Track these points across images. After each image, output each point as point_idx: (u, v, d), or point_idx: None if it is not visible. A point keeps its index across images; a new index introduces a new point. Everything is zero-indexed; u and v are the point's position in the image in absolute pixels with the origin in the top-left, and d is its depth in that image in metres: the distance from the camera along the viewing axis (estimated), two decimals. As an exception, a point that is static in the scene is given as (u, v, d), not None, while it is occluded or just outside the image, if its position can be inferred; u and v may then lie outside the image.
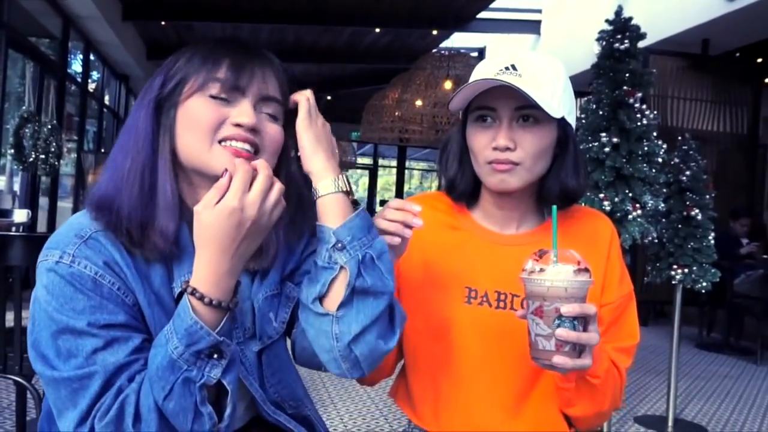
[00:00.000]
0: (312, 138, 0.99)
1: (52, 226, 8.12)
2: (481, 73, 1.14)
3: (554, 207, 1.01)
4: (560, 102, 1.11)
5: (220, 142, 0.93)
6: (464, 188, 1.22)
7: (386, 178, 20.60)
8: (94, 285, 0.87)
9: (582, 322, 0.92)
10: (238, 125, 0.92)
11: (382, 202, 17.73)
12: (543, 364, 0.95)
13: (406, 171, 16.85)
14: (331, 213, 0.96)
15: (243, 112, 0.93)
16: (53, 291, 0.86)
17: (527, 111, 1.11)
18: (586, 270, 0.93)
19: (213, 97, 0.93)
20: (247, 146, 0.93)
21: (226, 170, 0.84)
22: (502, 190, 1.15)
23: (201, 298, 0.83)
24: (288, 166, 1.03)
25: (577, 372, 1.02)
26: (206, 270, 0.84)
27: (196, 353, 0.83)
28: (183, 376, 0.82)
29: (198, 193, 0.96)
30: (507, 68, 1.10)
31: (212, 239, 0.83)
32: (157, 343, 0.86)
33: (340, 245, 0.94)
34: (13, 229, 5.24)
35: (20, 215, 5.86)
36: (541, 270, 0.93)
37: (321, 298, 0.95)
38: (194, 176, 0.96)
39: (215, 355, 0.84)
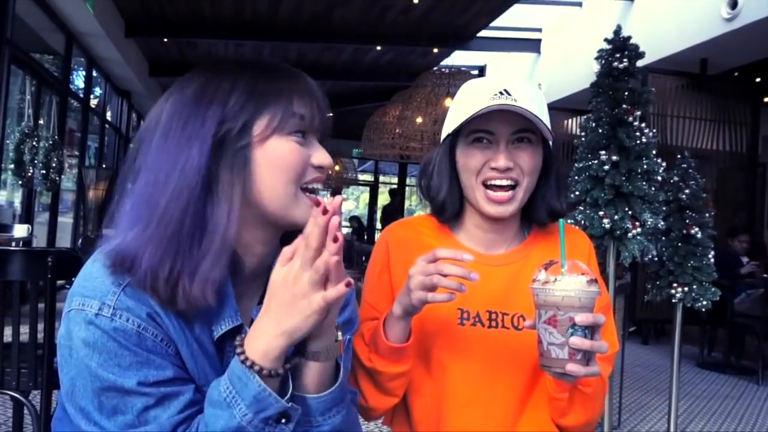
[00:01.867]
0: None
1: (51, 242, 8.11)
2: (474, 97, 1.16)
3: (561, 221, 1.04)
4: (547, 124, 1.17)
5: (302, 188, 0.88)
6: (453, 210, 1.24)
7: (387, 194, 20.60)
8: (139, 339, 0.80)
9: (591, 331, 0.95)
10: (320, 167, 0.89)
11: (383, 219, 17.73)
12: (554, 373, 0.97)
13: (407, 188, 16.86)
14: (309, 378, 0.86)
15: (323, 154, 0.89)
16: (95, 346, 0.79)
17: (524, 134, 1.16)
18: (595, 281, 0.96)
19: (293, 133, 0.87)
20: (322, 190, 0.91)
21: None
22: (500, 218, 1.18)
23: (259, 371, 0.79)
24: None
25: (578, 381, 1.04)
26: (257, 337, 0.79)
27: (264, 419, 0.79)
28: None
29: (250, 236, 0.90)
30: (501, 93, 1.14)
31: (269, 301, 0.79)
32: (213, 402, 0.80)
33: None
34: (13, 244, 5.24)
35: (20, 230, 5.87)
36: (555, 280, 0.95)
37: None
38: (259, 220, 0.89)
39: (283, 420, 0.80)
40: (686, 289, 3.40)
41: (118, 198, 0.89)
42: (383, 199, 19.84)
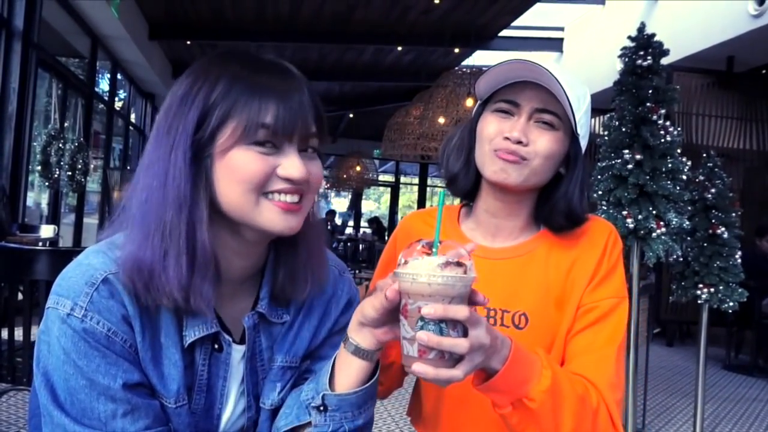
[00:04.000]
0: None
1: (77, 242, 8.24)
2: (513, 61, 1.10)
3: (441, 192, 1.01)
4: (580, 120, 1.10)
5: (266, 193, 0.85)
6: (465, 184, 1.19)
7: (408, 195, 20.62)
8: (108, 342, 0.81)
9: (457, 326, 0.80)
10: (287, 179, 0.85)
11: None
12: (410, 372, 0.83)
13: (428, 188, 16.85)
14: (341, 374, 0.90)
15: (292, 164, 0.85)
16: (66, 344, 0.81)
17: (547, 116, 1.09)
18: (460, 264, 0.80)
19: (258, 144, 0.83)
20: (296, 198, 0.86)
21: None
22: (500, 182, 1.10)
23: None
24: (314, 208, 0.96)
25: (513, 393, 0.92)
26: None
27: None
28: None
29: (230, 242, 0.90)
30: (546, 68, 1.08)
31: None
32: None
33: (322, 408, 0.89)
34: (40, 244, 5.32)
35: (47, 231, 5.96)
36: (406, 262, 0.81)
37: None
38: (231, 225, 0.89)
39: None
40: (712, 290, 3.35)
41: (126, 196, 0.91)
42: (405, 199, 19.84)
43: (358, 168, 13.06)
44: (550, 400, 0.94)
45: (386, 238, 14.30)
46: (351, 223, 17.13)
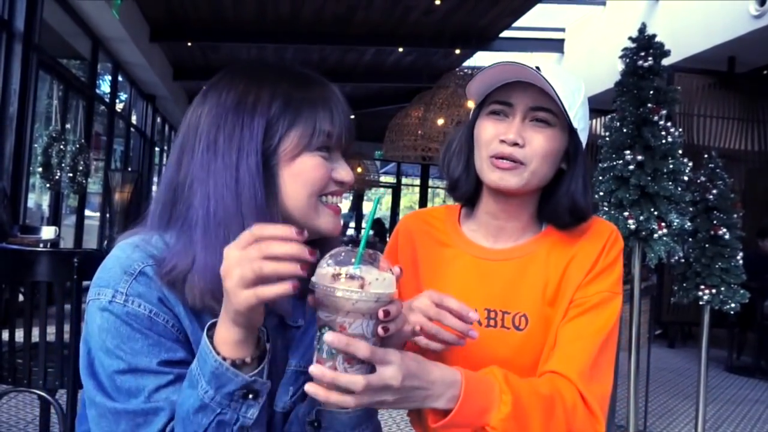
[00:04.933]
0: None
1: (78, 243, 8.24)
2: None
3: (377, 198, 1.07)
4: (576, 114, 1.09)
5: (320, 196, 0.91)
6: (467, 189, 1.17)
7: (409, 196, 20.62)
8: (150, 323, 0.84)
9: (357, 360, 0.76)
10: (340, 182, 0.93)
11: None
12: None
13: (430, 189, 16.84)
14: None
15: (345, 169, 0.93)
16: (109, 330, 0.84)
17: (542, 113, 1.08)
18: (353, 278, 0.74)
19: (320, 149, 0.90)
20: (341, 200, 0.95)
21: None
22: (501, 188, 1.09)
23: (224, 359, 0.79)
24: None
25: (472, 425, 0.89)
26: (221, 332, 0.79)
27: (227, 396, 0.78)
28: (217, 419, 0.79)
29: None
30: (532, 67, 1.07)
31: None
32: (188, 382, 0.81)
33: (316, 424, 0.88)
34: (41, 245, 5.33)
35: (48, 232, 5.97)
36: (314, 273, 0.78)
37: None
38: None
39: (250, 396, 0.80)
40: (714, 291, 3.34)
41: (156, 199, 0.93)
42: (406, 200, 19.84)
43: (359, 169, 13.06)
44: (513, 424, 0.91)
45: (387, 238, 14.30)
46: (352, 224, 17.14)
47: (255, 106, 0.88)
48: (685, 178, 3.10)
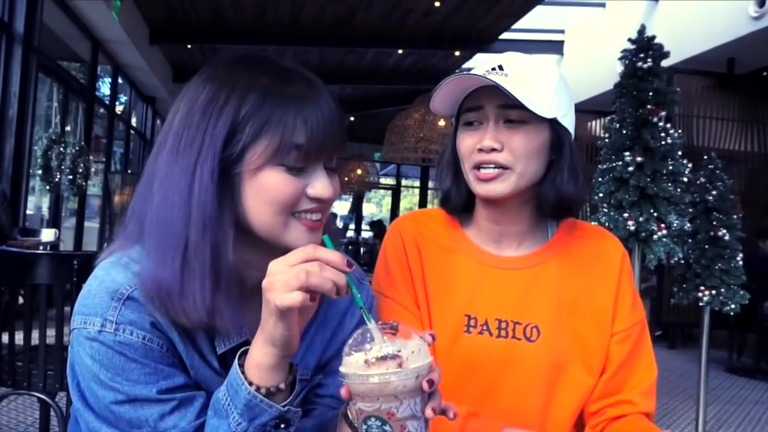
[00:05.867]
0: None
1: (78, 246, 8.24)
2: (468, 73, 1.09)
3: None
4: (551, 103, 1.05)
5: (293, 213, 0.83)
6: (458, 201, 1.15)
7: (409, 198, 20.62)
8: (145, 350, 0.79)
9: (415, 423, 0.71)
10: (315, 198, 0.83)
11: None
12: None
13: (429, 191, 16.84)
14: None
15: (322, 185, 0.83)
16: (102, 361, 0.79)
17: (513, 113, 1.04)
18: (393, 357, 0.70)
19: (289, 168, 0.81)
20: (320, 215, 0.85)
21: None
22: (491, 197, 1.07)
23: (257, 390, 0.77)
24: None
25: None
26: (252, 346, 0.78)
27: (260, 427, 0.77)
28: None
29: (249, 256, 0.87)
30: (494, 69, 1.06)
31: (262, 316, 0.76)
32: (215, 412, 0.79)
33: None
34: (41, 248, 5.33)
35: (48, 234, 5.97)
36: (342, 356, 0.74)
37: None
38: (254, 242, 0.86)
39: (282, 425, 0.78)
40: (714, 292, 3.34)
41: (132, 203, 0.88)
42: (406, 202, 19.85)
43: (359, 171, 13.05)
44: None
45: (387, 241, 14.28)
46: (352, 226, 17.14)
47: (223, 107, 0.81)
48: (685, 179, 3.10)
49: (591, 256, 1.15)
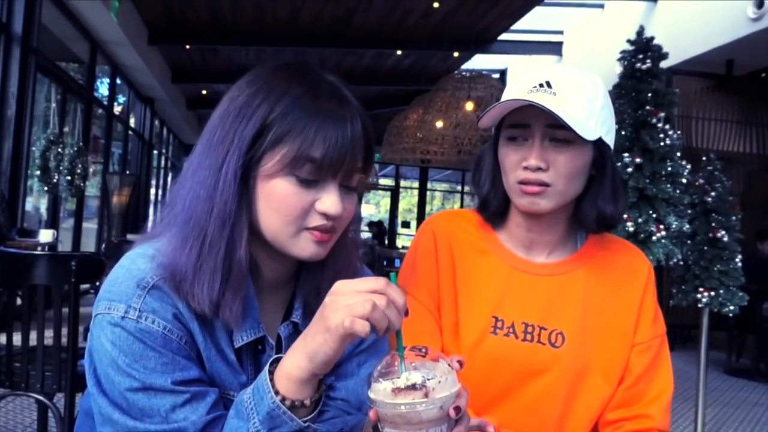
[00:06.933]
0: None
1: (76, 247, 8.23)
2: (514, 89, 1.09)
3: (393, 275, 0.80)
4: (597, 122, 1.06)
5: (306, 228, 0.85)
6: (497, 207, 1.16)
7: (408, 199, 20.61)
8: (164, 341, 0.81)
9: None
10: (324, 213, 0.84)
11: (404, 224, 17.74)
12: None
13: (428, 192, 16.84)
14: None
15: (331, 201, 0.84)
16: (121, 347, 0.80)
17: (560, 132, 1.05)
18: (417, 388, 0.71)
19: (301, 180, 0.83)
20: (330, 232, 0.87)
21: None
22: (533, 212, 1.09)
23: (282, 400, 0.77)
24: (345, 233, 0.93)
25: None
26: (287, 356, 0.78)
27: None
28: None
29: (264, 254, 0.90)
30: (541, 85, 1.05)
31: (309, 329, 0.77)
32: (237, 413, 0.81)
33: None
34: (39, 249, 5.32)
35: (46, 235, 5.95)
36: (372, 382, 0.76)
37: None
38: (267, 244, 0.88)
39: None
40: (713, 293, 3.34)
41: (169, 192, 0.91)
42: (405, 203, 19.84)
43: (357, 172, 13.06)
44: None
45: (386, 242, 14.29)
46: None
47: (255, 110, 0.83)
48: (684, 180, 3.11)
49: (618, 268, 1.17)
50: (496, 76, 10.95)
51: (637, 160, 3.04)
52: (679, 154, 3.14)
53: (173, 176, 15.49)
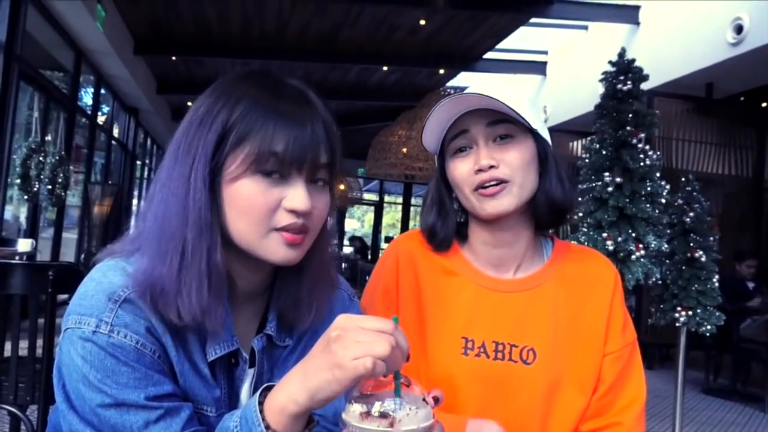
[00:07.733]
0: None
1: (56, 256, 8.13)
2: (441, 107, 1.10)
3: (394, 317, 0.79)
4: (528, 117, 1.09)
5: (275, 229, 0.84)
6: (445, 236, 1.17)
7: (392, 214, 20.64)
8: (137, 355, 0.80)
9: None
10: (292, 211, 0.83)
11: (387, 239, 17.74)
12: None
13: (412, 207, 16.87)
14: None
15: (298, 196, 0.83)
16: (92, 362, 0.78)
17: (501, 128, 1.08)
18: (384, 416, 0.72)
19: (266, 173, 0.82)
20: (301, 232, 0.85)
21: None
22: (499, 214, 1.09)
23: (267, 427, 0.75)
24: (322, 235, 0.92)
25: None
26: (283, 387, 0.75)
27: None
28: None
29: (237, 263, 0.89)
30: (465, 93, 1.09)
31: (313, 351, 0.74)
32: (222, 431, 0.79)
33: None
34: (17, 258, 5.24)
35: (24, 245, 5.87)
36: (350, 402, 0.75)
37: None
38: (240, 250, 0.87)
39: None
40: (690, 313, 3.37)
41: (140, 206, 0.91)
42: (388, 218, 19.86)
43: (342, 186, 13.07)
44: None
45: (369, 257, 14.27)
46: (335, 241, 17.12)
47: (216, 117, 0.84)
48: (663, 200, 3.15)
49: (585, 277, 1.18)
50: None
51: (617, 179, 3.08)
52: (658, 174, 3.18)
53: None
